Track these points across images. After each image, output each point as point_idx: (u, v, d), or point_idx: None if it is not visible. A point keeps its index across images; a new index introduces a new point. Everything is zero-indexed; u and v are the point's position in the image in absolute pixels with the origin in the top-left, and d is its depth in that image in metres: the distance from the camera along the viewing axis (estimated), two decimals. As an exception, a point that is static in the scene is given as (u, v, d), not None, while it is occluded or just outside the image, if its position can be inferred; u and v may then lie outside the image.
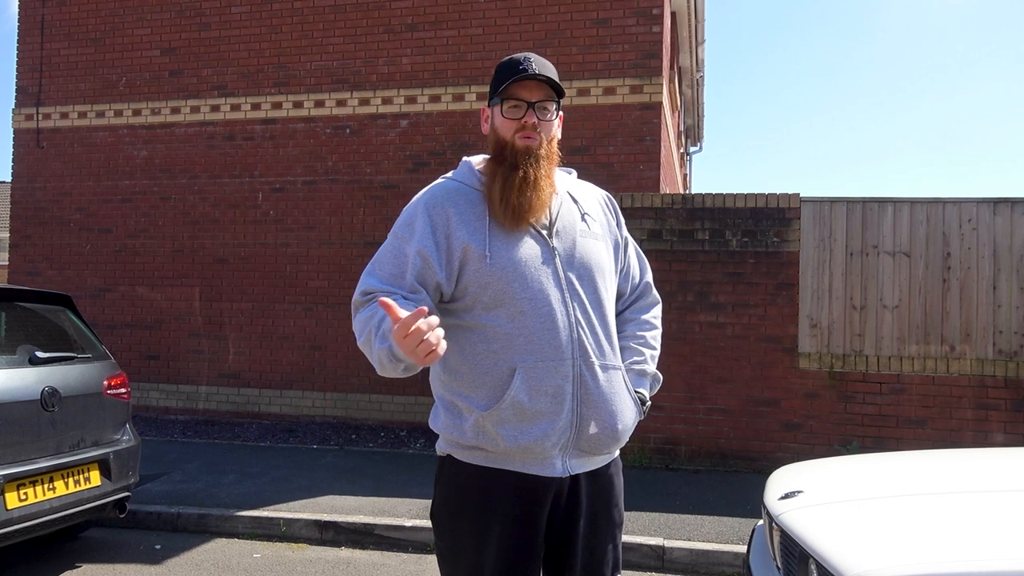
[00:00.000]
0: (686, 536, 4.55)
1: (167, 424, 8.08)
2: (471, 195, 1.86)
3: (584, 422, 1.79)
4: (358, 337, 1.77)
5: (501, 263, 1.79)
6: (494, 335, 1.78)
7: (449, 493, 1.85)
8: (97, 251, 8.90)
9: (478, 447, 1.79)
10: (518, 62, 1.85)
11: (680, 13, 10.13)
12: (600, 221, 1.97)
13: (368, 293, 1.79)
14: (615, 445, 1.87)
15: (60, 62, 9.13)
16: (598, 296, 1.87)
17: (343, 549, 4.67)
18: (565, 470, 1.80)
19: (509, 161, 1.83)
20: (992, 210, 6.02)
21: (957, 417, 5.94)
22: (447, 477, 1.87)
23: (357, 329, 1.78)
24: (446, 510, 1.85)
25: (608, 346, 1.87)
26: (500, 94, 1.85)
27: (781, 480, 2.86)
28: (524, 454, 1.77)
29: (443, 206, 1.83)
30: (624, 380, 1.89)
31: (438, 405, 1.89)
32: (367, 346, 1.73)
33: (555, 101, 1.89)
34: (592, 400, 1.80)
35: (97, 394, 4.23)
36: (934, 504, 2.36)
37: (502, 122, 1.86)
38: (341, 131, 8.25)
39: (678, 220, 6.40)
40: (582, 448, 1.81)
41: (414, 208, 1.86)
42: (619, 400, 1.85)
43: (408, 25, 8.08)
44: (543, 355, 1.77)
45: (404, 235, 1.83)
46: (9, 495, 3.59)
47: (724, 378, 6.27)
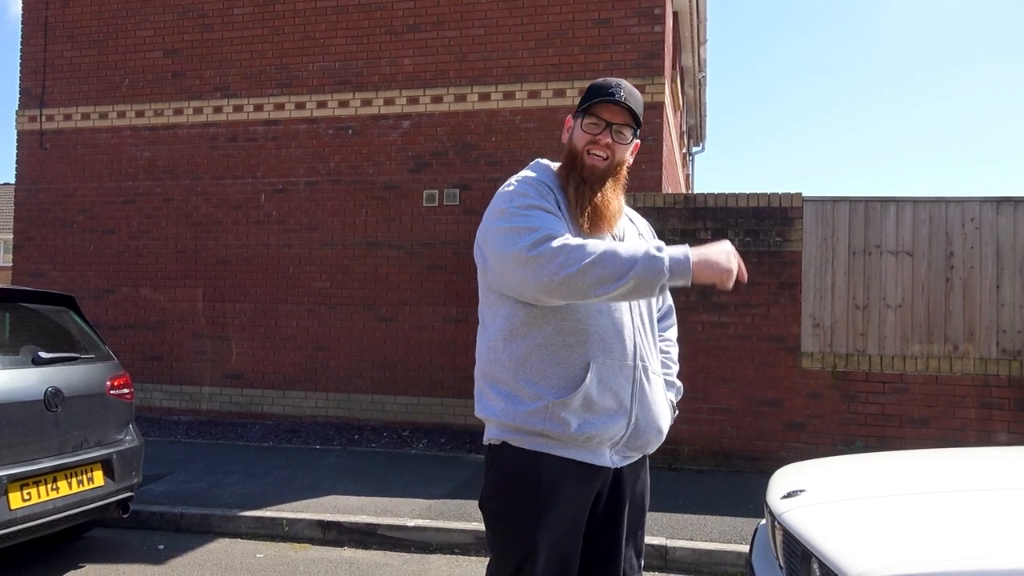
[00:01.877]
0: (689, 536, 4.54)
1: (170, 424, 8.10)
2: (560, 194, 1.98)
3: (638, 422, 1.94)
4: (575, 261, 1.74)
5: None
6: (571, 329, 1.88)
7: (504, 478, 1.93)
8: (100, 252, 8.92)
9: (541, 433, 1.88)
10: (609, 85, 1.99)
11: (682, 13, 10.12)
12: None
13: (551, 234, 1.79)
14: (657, 443, 2.03)
15: (63, 64, 9.15)
16: (651, 309, 2.06)
17: (346, 549, 4.67)
18: (612, 462, 1.96)
19: (578, 172, 1.96)
20: (995, 209, 6.00)
21: (960, 416, 5.93)
22: (502, 463, 1.94)
23: (572, 253, 1.74)
24: (501, 496, 1.93)
25: (656, 354, 2.05)
26: (584, 109, 1.99)
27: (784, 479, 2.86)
28: (585, 443, 1.89)
29: (549, 191, 1.95)
30: (663, 387, 2.07)
31: (491, 392, 1.94)
32: (608, 262, 1.73)
33: (633, 128, 2.01)
34: (646, 402, 1.96)
35: (100, 394, 4.24)
36: (937, 503, 2.36)
37: (579, 134, 2.00)
38: (343, 132, 8.26)
39: (680, 220, 6.39)
40: (631, 445, 1.97)
41: (532, 186, 1.94)
42: (662, 403, 2.03)
43: (410, 26, 8.09)
44: (613, 355, 1.91)
45: (534, 204, 1.87)
46: (13, 495, 3.60)
47: (727, 378, 6.26)
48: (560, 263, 1.75)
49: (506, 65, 7.84)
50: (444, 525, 4.68)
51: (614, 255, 1.75)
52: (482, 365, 1.99)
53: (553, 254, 1.76)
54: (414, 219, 7.99)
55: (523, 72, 7.80)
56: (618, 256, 1.75)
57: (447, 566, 4.39)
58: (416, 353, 7.90)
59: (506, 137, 7.79)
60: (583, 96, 2.03)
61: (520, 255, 1.79)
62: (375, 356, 8.04)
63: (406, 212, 8.02)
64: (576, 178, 1.95)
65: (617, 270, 1.74)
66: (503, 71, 7.84)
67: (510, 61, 7.84)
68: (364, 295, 8.10)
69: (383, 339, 8.03)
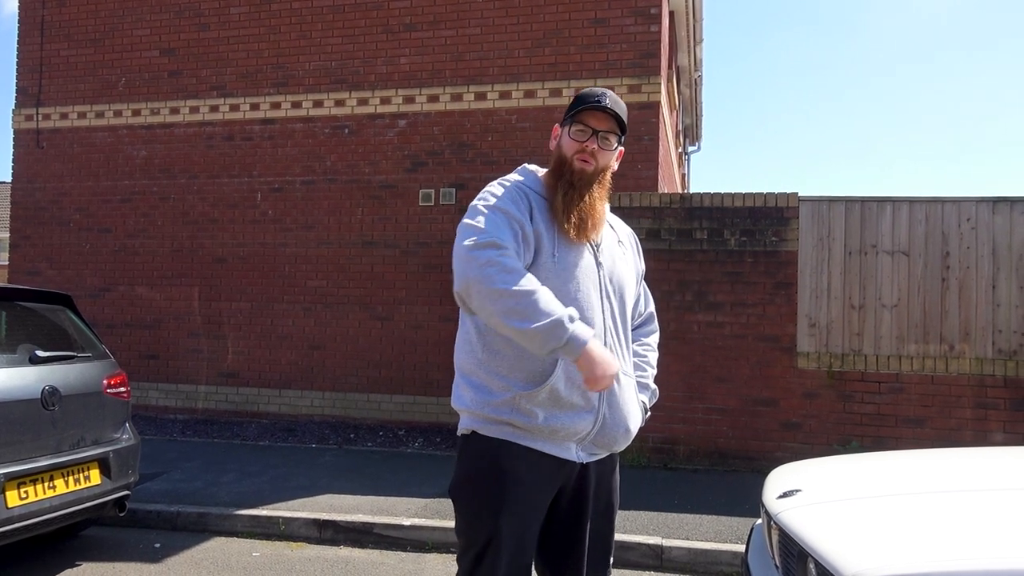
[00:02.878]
0: (684, 535, 4.55)
1: (166, 423, 8.08)
2: (540, 201, 2.06)
3: (606, 420, 2.00)
4: (498, 281, 1.80)
5: (564, 264, 1.99)
6: None
7: (471, 466, 2.02)
8: (96, 251, 8.90)
9: (507, 423, 1.96)
10: (595, 94, 2.07)
11: (678, 12, 10.13)
12: (629, 252, 2.24)
13: (497, 243, 1.86)
14: (625, 443, 2.08)
15: (60, 63, 9.13)
16: (625, 312, 2.12)
17: (342, 548, 4.67)
18: (579, 458, 2.03)
19: (567, 178, 2.04)
20: (991, 209, 6.03)
21: (956, 416, 5.95)
22: (470, 452, 2.03)
23: (498, 269, 1.81)
24: (468, 483, 2.02)
25: (628, 357, 2.12)
26: (572, 117, 2.07)
27: (780, 479, 2.86)
28: (551, 435, 1.97)
29: (526, 199, 2.03)
30: (635, 389, 2.13)
31: (464, 384, 2.04)
32: (528, 297, 1.79)
33: (618, 135, 2.10)
34: (615, 402, 2.01)
35: (97, 393, 4.24)
36: (933, 503, 2.37)
37: (568, 142, 2.08)
38: (339, 131, 8.25)
39: (676, 220, 6.40)
40: (597, 443, 2.03)
41: (510, 192, 2.02)
42: (632, 404, 2.08)
43: (406, 25, 8.09)
44: None
45: (505, 210, 1.95)
46: (10, 493, 3.59)
47: (723, 377, 6.28)
48: (487, 274, 1.82)
49: (502, 65, 7.84)
50: (440, 524, 4.69)
51: (534, 302, 1.80)
52: (458, 358, 2.08)
53: (487, 262, 1.83)
54: (410, 218, 7.99)
55: (519, 72, 7.80)
56: (536, 305, 1.80)
57: (443, 565, 4.39)
58: (412, 352, 7.90)
59: (502, 136, 7.79)
60: (570, 105, 2.11)
61: (461, 249, 1.88)
62: (371, 355, 8.04)
63: (402, 211, 8.02)
64: (565, 184, 2.03)
65: (528, 315, 1.79)
66: (499, 70, 7.84)
67: (506, 61, 7.84)
68: (360, 294, 8.10)
69: (379, 338, 8.03)
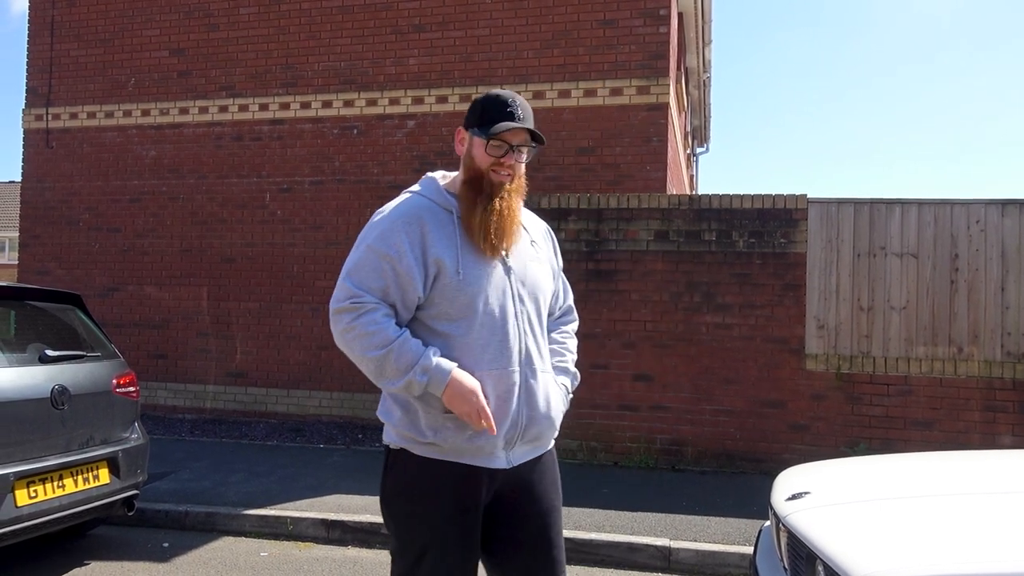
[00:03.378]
0: (692, 537, 4.54)
1: (175, 423, 8.12)
2: (441, 214, 2.06)
3: (528, 420, 2.04)
4: (363, 349, 1.94)
5: (470, 280, 2.00)
6: (456, 344, 2.00)
7: (403, 482, 2.05)
8: (105, 250, 8.95)
9: (433, 443, 1.99)
10: (506, 104, 2.04)
11: (687, 14, 10.12)
12: (544, 249, 2.24)
13: (358, 303, 1.96)
14: (551, 433, 2.14)
15: (69, 63, 9.18)
16: (539, 313, 2.15)
17: (350, 548, 4.68)
18: (509, 462, 2.05)
19: (486, 191, 2.04)
20: (1000, 211, 6.00)
21: (965, 419, 5.92)
22: (402, 468, 2.05)
23: (358, 340, 1.94)
24: (401, 497, 2.05)
25: (544, 354, 2.15)
26: (489, 134, 2.02)
27: (788, 481, 2.86)
28: (477, 451, 1.99)
29: (417, 222, 2.03)
30: (554, 379, 2.17)
31: (392, 402, 2.06)
32: (380, 361, 1.92)
33: (532, 146, 2.09)
34: (533, 400, 2.05)
35: (106, 392, 4.26)
36: (942, 506, 2.36)
37: (482, 155, 2.05)
38: (348, 132, 8.27)
39: (685, 221, 6.39)
40: (525, 440, 2.06)
41: (390, 223, 2.04)
42: (554, 396, 2.13)
43: (415, 26, 8.10)
44: (498, 364, 2.01)
45: (382, 250, 2.00)
46: (19, 492, 3.61)
47: (731, 379, 6.26)
48: (347, 341, 1.96)
49: (511, 66, 7.84)
50: (448, 525, 4.68)
51: (388, 364, 1.92)
52: None
53: (345, 329, 1.96)
54: (418, 219, 7.99)
55: (528, 73, 7.80)
56: (390, 366, 1.92)
57: (451, 566, 4.39)
58: (420, 353, 7.90)
59: (511, 137, 7.78)
60: (480, 112, 2.06)
61: (332, 309, 1.99)
62: (379, 355, 8.04)
63: (411, 212, 8.02)
64: (484, 198, 2.03)
65: (388, 377, 1.94)
66: (508, 71, 7.85)
67: (515, 62, 7.84)
68: (368, 295, 8.10)
69: (387, 339, 8.02)
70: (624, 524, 4.73)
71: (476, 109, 2.09)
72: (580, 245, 6.55)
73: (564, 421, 2.23)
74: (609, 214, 6.51)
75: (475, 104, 2.10)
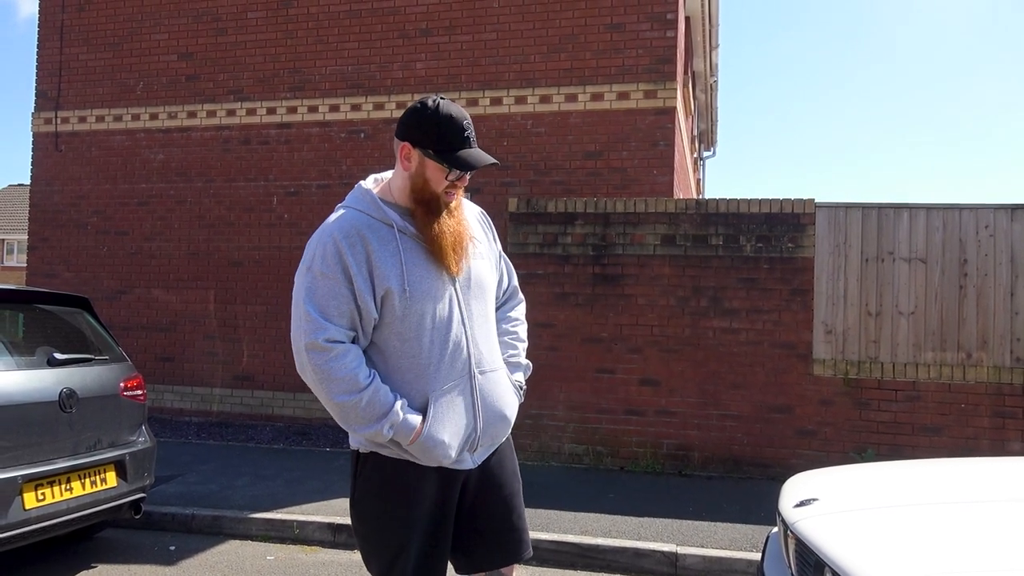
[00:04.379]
0: (699, 543, 4.53)
1: (181, 426, 8.14)
2: (381, 229, 2.03)
3: (486, 422, 2.09)
4: (334, 395, 1.94)
5: (417, 297, 2.00)
6: (408, 365, 2.02)
7: (373, 484, 2.07)
8: (113, 253, 8.98)
9: (402, 448, 2.03)
10: (462, 128, 1.99)
11: (694, 18, 10.12)
12: (483, 241, 2.21)
13: (330, 340, 1.94)
14: (506, 431, 2.19)
15: (79, 67, 9.23)
16: (486, 311, 2.15)
17: (356, 552, 4.67)
18: (474, 462, 2.11)
19: (436, 210, 2.03)
20: (1009, 216, 5.97)
21: (974, 425, 5.89)
22: (371, 470, 2.08)
23: (324, 377, 1.94)
24: (371, 498, 2.07)
25: (494, 351, 2.17)
26: (449, 160, 1.99)
27: (796, 487, 2.84)
28: (441, 459, 2.03)
29: (360, 242, 1.99)
30: (506, 375, 2.19)
31: None
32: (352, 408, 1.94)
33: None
34: (488, 402, 2.09)
35: (114, 396, 4.27)
36: (951, 513, 2.34)
37: (436, 176, 2.01)
38: (355, 135, 8.29)
39: (692, 225, 6.38)
40: (484, 442, 2.12)
41: (332, 245, 1.99)
42: (506, 395, 2.16)
43: (422, 30, 8.12)
44: (449, 378, 2.03)
45: (332, 274, 1.97)
46: (27, 495, 3.63)
47: (738, 384, 6.24)
48: (318, 381, 1.96)
49: (518, 70, 7.85)
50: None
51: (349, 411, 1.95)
52: None
53: (315, 369, 1.95)
54: (425, 223, 7.99)
55: (535, 76, 7.81)
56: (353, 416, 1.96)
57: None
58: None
59: (517, 142, 7.79)
60: (436, 136, 1.99)
61: (301, 343, 1.98)
62: (385, 359, 8.05)
63: (417, 216, 8.03)
64: (434, 217, 2.03)
65: (353, 425, 1.98)
66: (515, 75, 7.85)
67: (522, 66, 7.85)
68: (375, 298, 8.11)
69: (393, 342, 8.03)
70: (631, 529, 4.71)
71: (428, 128, 1.98)
72: (587, 249, 6.54)
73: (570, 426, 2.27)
74: (616, 218, 6.51)
75: (425, 120, 1.99)
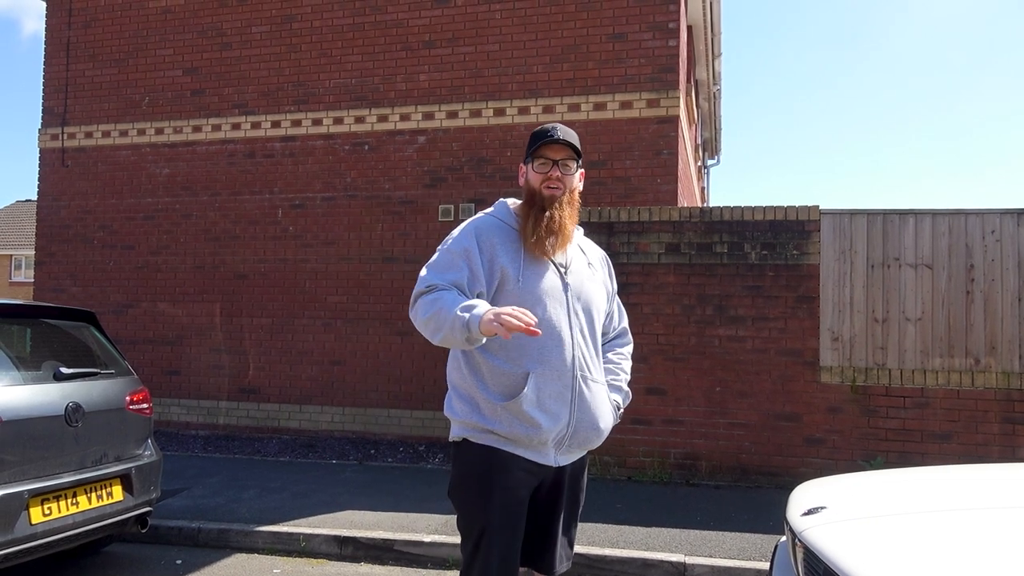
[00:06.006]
0: (708, 552, 4.50)
1: (188, 439, 8.14)
2: (509, 232, 2.36)
3: (579, 423, 2.28)
4: (421, 314, 2.18)
5: (530, 287, 2.27)
6: (514, 344, 2.22)
7: (463, 470, 2.31)
8: (120, 268, 9.02)
9: (491, 431, 2.23)
10: (547, 131, 2.36)
11: (696, 27, 10.15)
12: (600, 272, 2.51)
13: (431, 286, 2.21)
14: (597, 441, 2.36)
15: (85, 83, 9.30)
16: (593, 326, 2.39)
17: (362, 565, 4.66)
18: (556, 461, 2.30)
19: (539, 205, 2.33)
20: (1016, 221, 5.94)
21: (983, 431, 5.85)
22: (462, 457, 2.31)
23: (420, 309, 2.19)
24: (462, 485, 2.32)
25: (597, 366, 2.39)
26: (532, 154, 2.35)
27: (804, 496, 2.82)
28: (528, 441, 2.23)
29: (489, 235, 2.33)
30: (606, 392, 2.41)
31: (455, 396, 2.33)
32: (434, 318, 2.12)
33: (576, 160, 2.37)
34: (585, 405, 2.29)
35: (120, 409, 4.27)
36: (961, 521, 2.32)
37: (533, 175, 2.37)
38: (360, 147, 8.32)
39: (696, 233, 6.37)
40: (573, 443, 2.30)
41: (466, 232, 2.35)
42: (603, 406, 2.36)
43: (425, 42, 8.16)
44: (551, 365, 2.25)
45: (457, 251, 2.30)
46: (33, 510, 3.63)
47: (745, 392, 6.22)
48: (415, 315, 2.23)
49: (521, 80, 7.88)
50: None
51: (437, 319, 2.13)
52: (449, 373, 2.39)
53: (414, 308, 2.23)
54: (430, 234, 8.01)
55: (538, 87, 7.83)
56: (438, 319, 2.13)
57: (464, 582, 4.36)
58: (432, 367, 7.90)
59: (521, 152, 7.79)
60: (529, 144, 2.38)
61: (418, 288, 2.26)
62: (391, 370, 8.05)
63: (422, 227, 8.06)
64: (536, 210, 2.32)
65: (439, 328, 2.13)
66: (518, 86, 7.88)
67: (525, 76, 7.88)
68: (380, 310, 8.13)
69: (399, 353, 8.04)
70: (638, 540, 4.69)
71: (528, 143, 2.39)
72: (591, 258, 6.53)
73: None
74: (620, 227, 6.51)
75: (528, 141, 2.41)
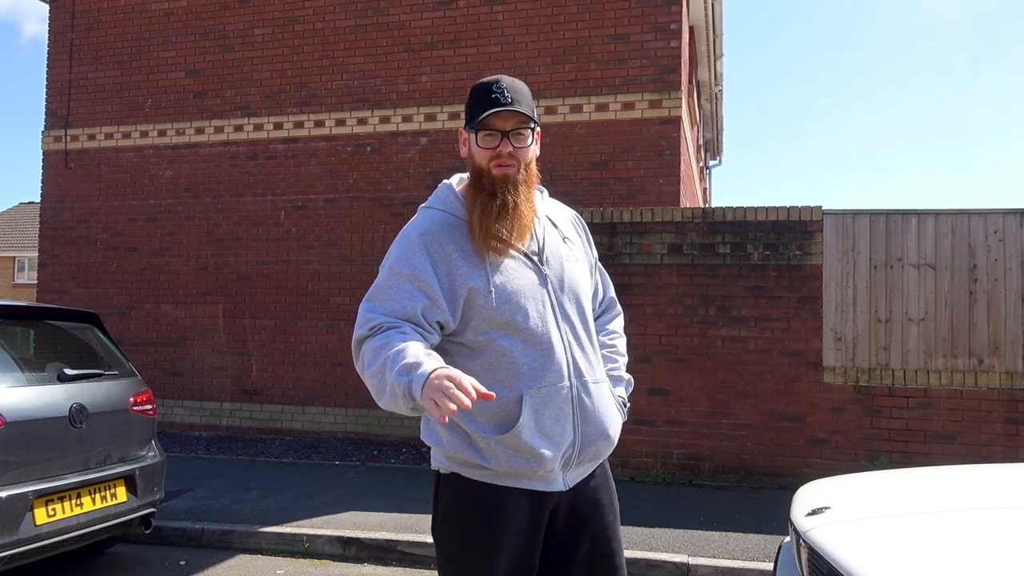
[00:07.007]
0: (711, 553, 4.49)
1: (191, 440, 8.15)
2: (462, 227, 1.89)
3: (585, 437, 1.89)
4: (366, 367, 1.77)
5: (504, 296, 1.83)
6: (499, 363, 1.83)
7: (456, 508, 1.88)
8: (123, 269, 9.03)
9: (483, 467, 1.82)
10: (490, 90, 1.86)
11: (698, 27, 10.14)
12: (577, 243, 2.04)
13: (376, 326, 1.79)
14: (608, 449, 1.97)
15: (88, 85, 9.32)
16: (584, 317, 1.96)
17: (366, 565, 4.66)
18: (566, 484, 1.89)
19: (487, 189, 1.86)
20: (1019, 221, 5.93)
21: (987, 432, 5.84)
22: (453, 493, 1.89)
23: (366, 359, 1.78)
24: (454, 524, 1.89)
25: (596, 362, 1.97)
26: (475, 125, 1.86)
27: (808, 496, 2.82)
28: (532, 474, 1.83)
29: (440, 241, 1.86)
30: (609, 389, 2.00)
31: (437, 425, 1.87)
32: (378, 376, 1.72)
33: (529, 127, 1.90)
34: (588, 416, 1.89)
35: (123, 411, 4.28)
36: (965, 521, 2.32)
37: (478, 150, 1.88)
38: (362, 149, 8.33)
39: (699, 234, 6.37)
40: (582, 459, 1.90)
41: (411, 243, 1.88)
42: (609, 410, 1.96)
43: (427, 44, 8.16)
44: (547, 380, 1.84)
45: (402, 270, 1.84)
46: (38, 511, 3.64)
47: (748, 393, 6.21)
48: (367, 361, 1.78)
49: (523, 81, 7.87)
50: (464, 542, 4.66)
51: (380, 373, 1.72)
52: None
53: (363, 352, 1.80)
54: (432, 235, 8.01)
55: (540, 88, 7.83)
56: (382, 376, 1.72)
57: (467, 583, 4.36)
58: (434, 368, 7.90)
59: (523, 153, 7.81)
60: (468, 104, 1.90)
61: (360, 331, 1.84)
62: (394, 372, 8.05)
63: (424, 228, 8.05)
64: (486, 196, 1.86)
65: (379, 386, 1.73)
66: (520, 87, 7.87)
67: (527, 77, 7.87)
68: (383, 311, 8.12)
69: (402, 355, 8.03)
70: (642, 540, 4.68)
71: (468, 105, 1.91)
72: (594, 259, 6.53)
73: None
74: (622, 228, 6.51)
75: (467, 101, 1.92)
